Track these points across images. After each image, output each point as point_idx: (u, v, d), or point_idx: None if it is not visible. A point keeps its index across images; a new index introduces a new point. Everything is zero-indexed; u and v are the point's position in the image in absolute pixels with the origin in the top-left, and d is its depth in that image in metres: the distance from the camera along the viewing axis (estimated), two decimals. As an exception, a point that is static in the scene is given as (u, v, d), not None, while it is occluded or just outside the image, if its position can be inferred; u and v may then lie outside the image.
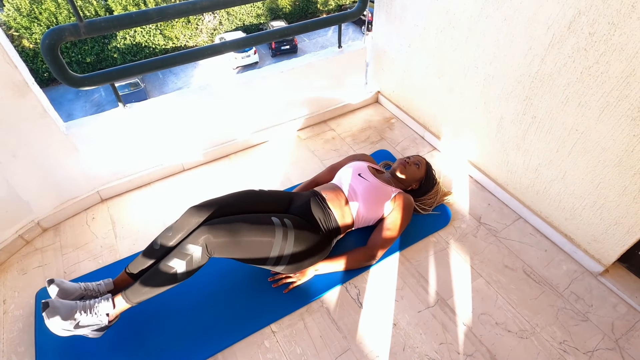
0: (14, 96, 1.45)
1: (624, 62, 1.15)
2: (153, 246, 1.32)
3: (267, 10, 15.96)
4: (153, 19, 1.54)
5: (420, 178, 1.70)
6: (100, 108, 12.82)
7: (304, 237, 1.38)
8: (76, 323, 1.17)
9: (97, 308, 1.21)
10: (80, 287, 1.28)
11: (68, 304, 1.19)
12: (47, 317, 1.15)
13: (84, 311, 1.19)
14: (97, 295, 1.29)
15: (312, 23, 2.07)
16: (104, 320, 1.22)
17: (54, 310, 1.16)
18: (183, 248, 1.23)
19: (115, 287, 1.34)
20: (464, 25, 1.66)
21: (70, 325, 1.17)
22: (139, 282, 1.24)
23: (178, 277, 1.23)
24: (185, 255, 1.22)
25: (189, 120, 1.94)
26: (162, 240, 1.31)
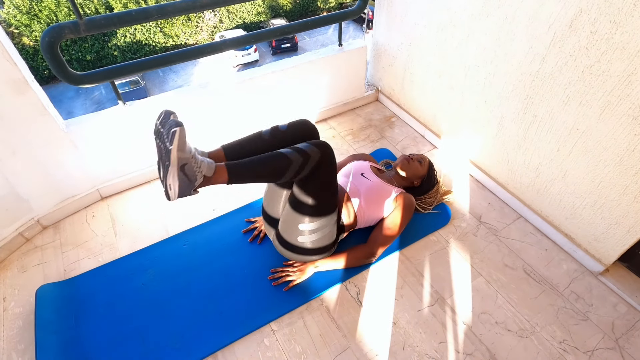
0: (14, 94, 1.44)
1: (625, 61, 1.15)
2: (261, 135, 1.29)
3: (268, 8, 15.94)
4: (153, 17, 1.54)
5: (422, 175, 1.70)
6: (100, 106, 12.81)
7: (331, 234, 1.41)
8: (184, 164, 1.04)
9: (202, 164, 1.08)
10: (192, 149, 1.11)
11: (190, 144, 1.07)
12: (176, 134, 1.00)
13: (194, 158, 1.06)
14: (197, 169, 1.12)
15: (313, 21, 2.06)
16: (197, 181, 1.08)
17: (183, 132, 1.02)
18: (306, 147, 1.19)
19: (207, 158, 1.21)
20: (464, 23, 1.65)
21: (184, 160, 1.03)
22: (247, 160, 1.16)
23: (288, 171, 1.17)
24: (306, 154, 1.18)
25: (188, 118, 1.93)
26: (272, 133, 1.28)
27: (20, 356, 1.32)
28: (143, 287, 1.49)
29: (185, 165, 1.04)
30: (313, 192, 1.29)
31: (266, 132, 1.31)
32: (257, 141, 1.28)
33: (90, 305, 1.44)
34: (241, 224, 1.71)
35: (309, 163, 1.19)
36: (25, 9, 12.36)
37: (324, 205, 1.33)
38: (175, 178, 1.04)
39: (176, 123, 1.02)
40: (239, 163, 1.16)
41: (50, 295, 1.44)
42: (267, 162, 1.17)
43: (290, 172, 1.18)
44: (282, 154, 1.18)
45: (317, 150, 1.21)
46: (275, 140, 1.29)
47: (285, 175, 1.19)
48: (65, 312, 1.41)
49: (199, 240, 1.65)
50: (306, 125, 1.36)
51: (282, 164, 1.17)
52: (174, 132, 1.00)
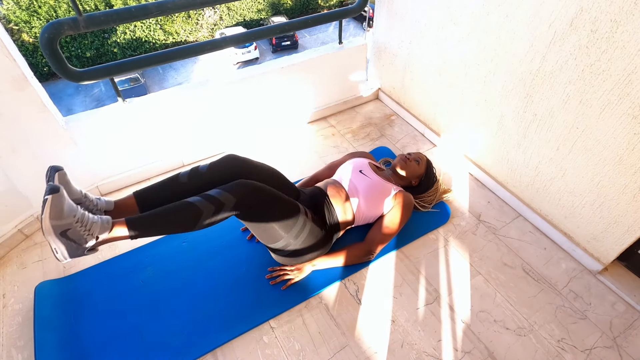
0: (13, 90, 1.44)
1: (625, 60, 1.15)
2: (179, 178, 1.20)
3: (268, 5, 15.89)
4: (153, 14, 1.53)
5: (421, 175, 1.70)
6: (100, 103, 12.78)
7: (315, 231, 1.39)
8: (65, 229, 0.98)
9: (93, 226, 1.02)
10: (81, 192, 1.11)
11: (71, 202, 1.01)
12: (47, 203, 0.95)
13: (80, 221, 1.00)
14: (93, 210, 1.12)
15: (313, 19, 2.06)
16: (89, 242, 1.02)
17: (60, 200, 0.96)
18: (217, 194, 1.12)
19: (114, 209, 1.17)
20: (465, 21, 1.65)
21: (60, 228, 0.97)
22: (152, 213, 1.09)
23: (199, 222, 1.10)
24: (218, 201, 1.11)
25: (188, 115, 1.94)
26: (191, 175, 1.20)
27: (19, 352, 1.32)
28: (142, 285, 1.49)
29: (68, 231, 0.98)
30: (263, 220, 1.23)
31: (184, 175, 1.22)
32: (174, 186, 1.20)
33: (90, 302, 1.44)
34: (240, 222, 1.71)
35: (224, 210, 1.12)
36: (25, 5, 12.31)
37: (283, 219, 1.27)
38: (58, 243, 0.98)
39: (51, 189, 0.96)
40: (141, 217, 1.09)
41: (49, 292, 1.45)
42: (173, 214, 1.09)
43: (202, 221, 1.11)
44: (190, 204, 1.10)
45: (231, 197, 1.13)
46: (194, 183, 1.21)
47: (198, 225, 1.11)
48: (65, 309, 1.41)
49: (198, 238, 1.65)
50: (231, 162, 1.27)
51: (190, 215, 1.09)
52: (45, 200, 0.95)
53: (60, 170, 1.08)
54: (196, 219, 1.10)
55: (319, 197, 1.51)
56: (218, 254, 1.59)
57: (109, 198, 1.18)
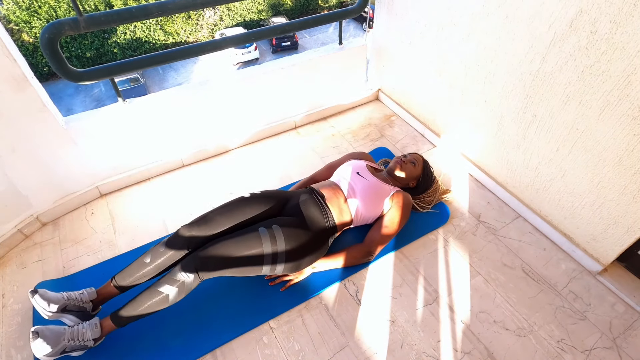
0: (13, 90, 1.44)
1: (625, 61, 1.15)
2: (144, 259, 1.32)
3: (268, 6, 15.90)
4: (153, 14, 1.53)
5: (418, 176, 1.70)
6: (100, 103, 12.79)
7: (296, 235, 1.36)
8: (62, 349, 1.17)
9: (84, 335, 1.21)
10: (63, 297, 1.26)
11: (56, 330, 1.18)
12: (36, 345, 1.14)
13: (71, 339, 1.19)
14: (80, 304, 1.28)
15: (313, 19, 2.06)
16: (89, 344, 1.22)
17: (44, 338, 1.14)
18: (174, 275, 1.24)
19: (98, 297, 1.32)
20: (465, 22, 1.65)
21: (57, 353, 1.17)
22: (128, 304, 1.24)
23: (170, 300, 1.24)
24: (177, 281, 1.23)
25: (188, 116, 1.94)
26: (153, 256, 1.32)
27: (19, 352, 1.32)
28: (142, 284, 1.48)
29: (66, 348, 1.18)
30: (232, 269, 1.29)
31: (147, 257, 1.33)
32: (142, 266, 1.31)
33: (89, 302, 1.43)
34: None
35: (187, 284, 1.24)
36: (25, 5, 12.32)
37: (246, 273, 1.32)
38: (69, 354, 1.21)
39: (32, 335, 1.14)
40: (121, 312, 1.24)
41: (49, 292, 1.44)
42: (144, 304, 1.23)
43: (173, 299, 1.24)
44: (156, 290, 1.23)
45: (186, 274, 1.23)
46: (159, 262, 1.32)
47: (170, 303, 1.25)
48: (64, 308, 1.41)
49: (198, 238, 1.65)
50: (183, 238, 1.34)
51: (158, 300, 1.23)
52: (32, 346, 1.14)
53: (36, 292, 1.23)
54: (164, 301, 1.24)
55: (307, 200, 1.48)
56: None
57: (90, 289, 1.33)
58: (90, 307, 1.31)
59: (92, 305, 1.31)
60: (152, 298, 1.23)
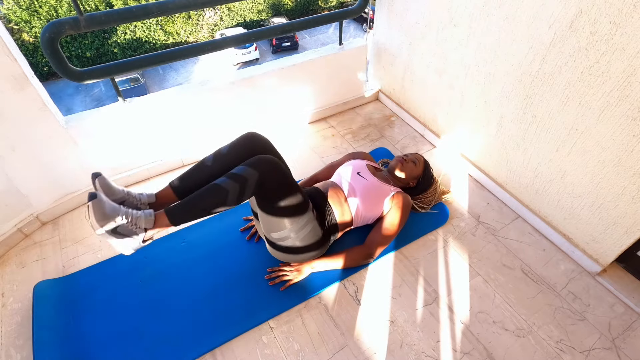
0: (14, 89, 1.44)
1: (624, 62, 1.15)
2: (204, 162, 1.29)
3: (269, 6, 15.91)
4: (153, 14, 1.54)
5: (418, 176, 1.70)
6: (100, 103, 12.79)
7: (316, 230, 1.40)
8: (115, 227, 1.08)
9: (138, 220, 1.12)
10: (123, 190, 1.20)
11: (112, 204, 1.10)
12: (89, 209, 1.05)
13: (126, 217, 1.09)
14: (137, 206, 1.21)
15: (313, 19, 2.06)
16: (139, 235, 1.13)
17: (99, 204, 1.05)
18: (240, 171, 1.19)
19: (156, 201, 1.26)
20: (465, 23, 1.65)
21: (109, 227, 1.07)
22: (185, 201, 1.18)
23: (228, 201, 1.17)
24: (242, 178, 1.17)
25: (188, 115, 1.94)
26: (215, 159, 1.28)
27: (18, 352, 1.32)
28: (141, 285, 1.49)
29: (117, 228, 1.08)
30: (275, 203, 1.28)
31: (209, 159, 1.30)
32: (202, 170, 1.28)
33: (89, 301, 1.44)
34: (239, 222, 1.72)
35: (248, 185, 1.18)
36: (25, 4, 12.32)
37: (293, 207, 1.31)
38: (114, 240, 1.10)
39: (89, 196, 1.06)
40: (177, 206, 1.18)
41: (48, 292, 1.44)
42: (203, 199, 1.18)
43: (231, 200, 1.18)
44: (216, 186, 1.17)
45: (254, 171, 1.19)
46: (219, 165, 1.29)
47: (228, 204, 1.18)
48: (64, 308, 1.41)
49: (197, 238, 1.66)
50: (250, 140, 1.34)
51: (219, 196, 1.17)
52: (87, 207, 1.06)
53: (99, 176, 1.16)
54: (224, 199, 1.17)
55: (317, 199, 1.51)
56: (217, 254, 1.59)
57: (150, 192, 1.27)
58: None
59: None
60: (209, 194, 1.17)
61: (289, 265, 1.50)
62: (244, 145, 1.33)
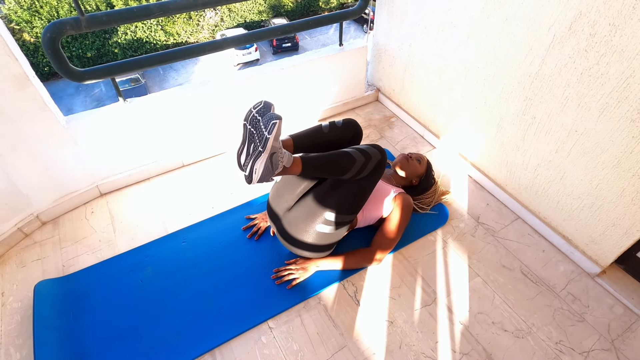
0: (15, 89, 1.45)
1: (624, 64, 1.15)
2: (322, 128, 1.41)
3: (269, 7, 15.93)
4: (154, 14, 1.54)
5: (421, 174, 1.71)
6: (100, 103, 12.80)
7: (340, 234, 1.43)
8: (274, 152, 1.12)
9: (285, 156, 1.17)
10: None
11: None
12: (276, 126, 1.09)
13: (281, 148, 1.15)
14: None
15: (314, 20, 2.06)
16: (280, 167, 1.16)
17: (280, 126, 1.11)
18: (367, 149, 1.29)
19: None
20: (465, 24, 1.66)
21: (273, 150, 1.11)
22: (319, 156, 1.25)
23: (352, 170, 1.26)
24: (368, 155, 1.28)
25: (189, 115, 1.94)
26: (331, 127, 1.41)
27: (18, 351, 1.32)
28: (141, 284, 1.49)
29: (274, 155, 1.13)
30: (356, 190, 1.36)
31: (326, 126, 1.42)
32: (319, 133, 1.41)
33: (89, 301, 1.44)
34: (240, 221, 1.72)
35: (370, 163, 1.28)
36: (27, 4, 12.34)
37: (355, 204, 1.38)
38: (262, 164, 1.12)
39: (277, 116, 1.11)
40: (311, 158, 1.25)
41: (48, 291, 1.45)
42: (335, 160, 1.26)
43: (353, 170, 1.27)
44: (348, 153, 1.26)
45: (378, 153, 1.30)
46: (333, 135, 1.42)
47: (349, 173, 1.27)
48: (64, 308, 1.41)
49: (197, 238, 1.66)
50: (356, 125, 1.48)
51: (348, 162, 1.26)
52: (274, 123, 1.09)
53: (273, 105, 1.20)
54: (349, 167, 1.26)
55: None
56: (217, 254, 1.59)
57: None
58: None
59: None
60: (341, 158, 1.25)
61: (295, 263, 1.50)
62: (352, 128, 1.45)
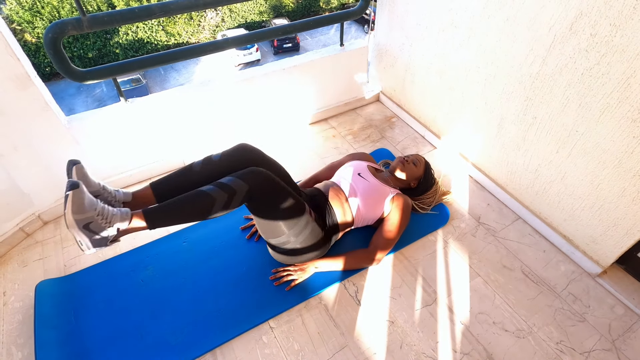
0: (16, 89, 1.45)
1: (624, 64, 1.15)
2: (192, 167, 1.23)
3: (270, 7, 15.94)
4: (156, 14, 1.54)
5: (419, 177, 1.70)
6: (101, 103, 12.82)
7: (316, 231, 1.40)
8: (87, 222, 1.01)
9: (113, 218, 1.06)
10: (99, 184, 1.14)
11: (90, 196, 1.04)
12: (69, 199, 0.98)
13: (101, 214, 1.04)
14: (112, 201, 1.16)
15: (315, 21, 2.07)
16: (111, 233, 1.06)
17: (80, 195, 0.99)
18: (230, 181, 1.15)
19: (132, 201, 1.21)
20: (465, 24, 1.66)
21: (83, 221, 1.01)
22: (167, 204, 1.12)
23: (212, 210, 1.13)
24: (231, 189, 1.14)
25: (190, 115, 1.95)
26: (204, 164, 1.22)
27: (19, 350, 1.33)
28: (142, 284, 1.49)
29: (90, 224, 1.02)
30: (269, 212, 1.26)
31: (197, 164, 1.25)
32: (188, 175, 1.23)
33: (90, 301, 1.44)
34: (240, 221, 1.72)
35: (236, 197, 1.15)
36: (28, 5, 12.37)
37: (288, 214, 1.30)
38: (82, 235, 1.03)
39: (71, 185, 1.00)
40: (157, 208, 1.12)
41: (50, 291, 1.45)
42: (188, 204, 1.12)
43: (216, 209, 1.14)
44: (203, 193, 1.13)
45: (243, 184, 1.16)
46: (208, 172, 1.24)
47: (212, 213, 1.14)
48: (65, 307, 1.41)
49: (198, 238, 1.66)
50: (243, 151, 1.30)
51: (204, 204, 1.12)
52: (67, 196, 0.99)
53: (78, 164, 1.11)
54: (209, 208, 1.12)
55: (318, 199, 1.51)
56: (218, 254, 1.59)
57: (126, 190, 1.21)
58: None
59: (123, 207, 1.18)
60: (195, 200, 1.11)
61: (293, 265, 1.50)
62: (235, 156, 1.29)
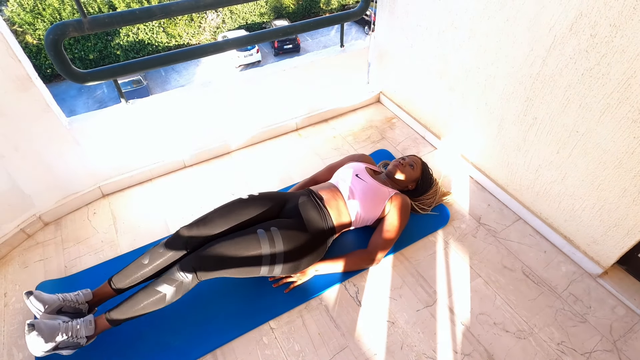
0: (18, 90, 1.45)
1: (625, 64, 1.15)
2: (142, 261, 1.32)
3: (271, 9, 15.96)
4: (156, 16, 1.55)
5: (416, 179, 1.70)
6: (102, 105, 12.84)
7: (294, 237, 1.37)
8: (55, 345, 1.15)
9: (79, 332, 1.19)
10: (58, 298, 1.26)
11: (51, 324, 1.16)
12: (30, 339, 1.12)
13: (66, 334, 1.16)
14: (76, 306, 1.28)
15: (315, 22, 2.07)
16: (82, 342, 1.20)
17: (39, 332, 1.12)
18: (173, 274, 1.25)
19: (94, 298, 1.32)
20: (466, 25, 1.66)
21: (49, 347, 1.14)
22: (124, 303, 1.24)
23: (166, 300, 1.25)
24: (175, 281, 1.24)
25: (190, 117, 1.95)
26: (151, 257, 1.32)
27: (20, 351, 1.33)
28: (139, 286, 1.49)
29: (59, 343, 1.16)
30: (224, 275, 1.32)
31: (145, 258, 1.33)
32: (138, 268, 1.32)
33: (91, 301, 1.44)
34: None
35: (184, 286, 1.25)
36: (29, 7, 12.40)
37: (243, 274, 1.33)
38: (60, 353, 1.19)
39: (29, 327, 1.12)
40: (116, 310, 1.24)
41: (50, 292, 1.44)
42: (141, 301, 1.24)
43: (169, 300, 1.25)
44: (154, 290, 1.24)
45: (186, 274, 1.24)
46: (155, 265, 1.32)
47: (167, 302, 1.26)
48: (66, 308, 1.41)
49: (199, 239, 1.66)
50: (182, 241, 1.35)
51: (155, 299, 1.24)
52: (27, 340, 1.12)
53: (32, 294, 1.23)
54: (161, 301, 1.24)
55: (305, 202, 1.49)
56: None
57: (85, 290, 1.33)
58: (86, 309, 1.31)
59: (88, 307, 1.32)
60: (149, 297, 1.23)
61: None
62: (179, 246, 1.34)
